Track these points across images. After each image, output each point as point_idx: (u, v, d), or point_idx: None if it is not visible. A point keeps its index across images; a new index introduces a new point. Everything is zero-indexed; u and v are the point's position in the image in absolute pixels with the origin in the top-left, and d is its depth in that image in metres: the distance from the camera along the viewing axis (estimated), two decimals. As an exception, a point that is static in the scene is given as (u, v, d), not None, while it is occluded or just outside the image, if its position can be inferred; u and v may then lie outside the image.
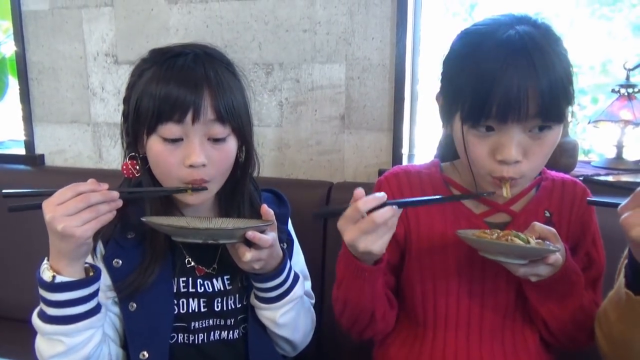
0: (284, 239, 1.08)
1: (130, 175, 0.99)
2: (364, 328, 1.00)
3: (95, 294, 0.88)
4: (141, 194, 0.99)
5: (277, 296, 1.00)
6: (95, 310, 0.88)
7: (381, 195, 0.82)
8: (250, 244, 0.91)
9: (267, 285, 0.98)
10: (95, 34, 1.78)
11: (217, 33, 1.67)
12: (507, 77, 0.80)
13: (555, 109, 0.82)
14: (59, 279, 0.83)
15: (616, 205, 0.78)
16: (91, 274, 0.88)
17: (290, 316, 1.02)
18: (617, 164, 1.59)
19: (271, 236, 0.92)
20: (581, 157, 2.06)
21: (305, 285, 1.13)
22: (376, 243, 0.81)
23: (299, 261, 1.16)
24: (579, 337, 0.96)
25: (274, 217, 0.95)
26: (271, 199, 1.15)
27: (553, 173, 1.05)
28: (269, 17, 1.62)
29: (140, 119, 0.94)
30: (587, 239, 1.00)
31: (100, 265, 0.96)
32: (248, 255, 0.91)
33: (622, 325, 0.86)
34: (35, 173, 1.87)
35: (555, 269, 0.87)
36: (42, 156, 1.92)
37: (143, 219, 0.91)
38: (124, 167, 0.99)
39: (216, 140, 0.94)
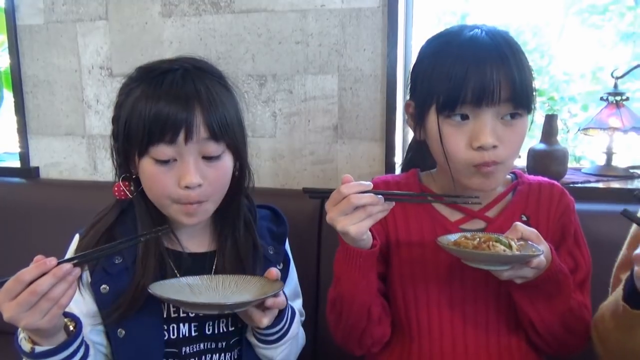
0: (280, 260, 1.07)
1: (123, 197, 0.97)
2: (361, 333, 0.98)
3: (81, 343, 0.84)
4: (101, 252, 0.87)
5: (277, 338, 0.99)
6: (84, 357, 0.85)
7: (367, 184, 0.84)
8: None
9: (270, 331, 0.97)
10: (90, 47, 1.80)
11: (211, 45, 1.69)
12: (481, 64, 0.85)
13: (525, 97, 0.87)
14: (39, 349, 0.79)
15: None
16: (72, 328, 0.83)
17: (286, 352, 1.02)
18: (607, 170, 1.61)
19: (282, 298, 0.92)
20: (573, 164, 2.09)
21: (297, 304, 1.13)
22: (353, 225, 0.83)
23: (292, 279, 1.15)
24: (569, 341, 0.97)
25: (279, 276, 0.94)
26: (269, 217, 1.13)
27: (530, 177, 1.06)
28: (262, 29, 1.64)
29: (131, 139, 0.90)
30: (568, 240, 1.00)
31: (86, 292, 0.94)
32: (265, 320, 0.89)
33: (618, 332, 0.88)
34: (30, 186, 1.87)
35: (540, 271, 0.86)
36: (37, 169, 1.92)
37: (150, 291, 0.86)
38: (116, 188, 0.96)
39: (211, 159, 0.91)
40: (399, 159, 1.66)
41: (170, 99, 0.87)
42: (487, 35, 0.88)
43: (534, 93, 0.91)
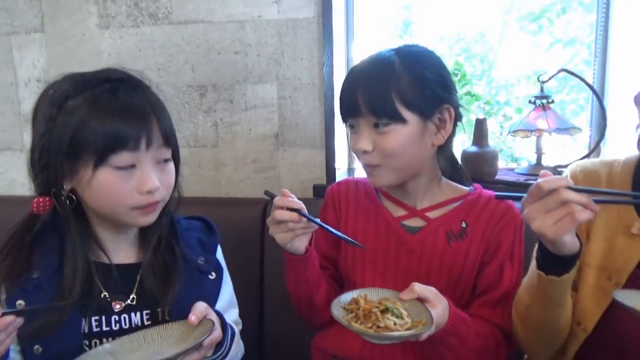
0: (212, 269, 1.07)
1: (42, 212, 0.93)
2: (310, 317, 1.13)
3: None
4: (48, 306, 0.88)
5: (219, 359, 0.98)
6: None
7: (292, 202, 0.94)
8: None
9: (213, 357, 0.96)
10: (26, 60, 1.77)
11: (150, 57, 1.69)
12: (350, 84, 1.01)
13: (386, 107, 0.97)
14: None
15: (519, 198, 0.82)
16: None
17: None
18: (537, 169, 1.69)
19: (218, 328, 0.92)
20: (512, 165, 2.18)
21: (233, 314, 1.14)
22: (277, 234, 0.97)
23: (227, 289, 1.15)
24: None
25: (210, 315, 0.93)
26: (199, 228, 1.14)
27: (485, 192, 1.11)
28: (200, 40, 1.65)
29: (79, 153, 0.88)
30: (502, 252, 1.04)
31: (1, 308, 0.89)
32: (200, 355, 0.89)
33: (535, 307, 0.92)
34: (-34, 203, 1.82)
35: (439, 327, 0.89)
36: (-27, 185, 1.87)
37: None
38: (36, 204, 0.92)
39: (163, 162, 0.94)
40: (340, 164, 1.70)
41: (127, 109, 0.89)
42: (378, 57, 1.01)
43: (417, 103, 0.98)
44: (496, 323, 1.02)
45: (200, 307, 0.92)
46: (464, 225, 1.06)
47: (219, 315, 0.97)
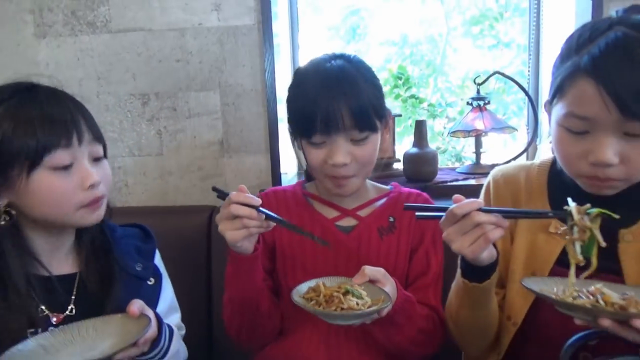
0: (150, 275, 1.08)
1: None
2: (254, 327, 1.07)
3: None
4: None
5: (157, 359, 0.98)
6: None
7: (251, 199, 0.91)
8: None
9: (149, 356, 0.95)
10: (-41, 71, 1.71)
11: (90, 66, 1.67)
12: (324, 100, 0.99)
13: (366, 121, 1.00)
14: None
15: (439, 217, 0.87)
16: None
17: None
18: (476, 168, 1.76)
19: (154, 326, 0.91)
20: (456, 164, 2.26)
21: (175, 318, 1.14)
22: (228, 231, 0.91)
23: (168, 294, 1.14)
24: (418, 352, 1.06)
25: (146, 311, 0.93)
26: (137, 235, 1.14)
27: (404, 188, 1.20)
28: (140, 48, 1.64)
29: (9, 163, 0.87)
30: (426, 240, 1.12)
31: None
32: (137, 351, 0.88)
33: (464, 309, 0.98)
34: None
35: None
36: None
37: None
38: None
39: (98, 159, 0.96)
40: (285, 169, 1.72)
41: (51, 109, 0.90)
42: (333, 71, 1.01)
43: (380, 113, 1.04)
44: (431, 305, 1.08)
45: (138, 301, 0.92)
46: (391, 219, 1.13)
47: (156, 314, 0.97)
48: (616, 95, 0.77)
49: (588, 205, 0.82)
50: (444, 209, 0.86)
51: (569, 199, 0.84)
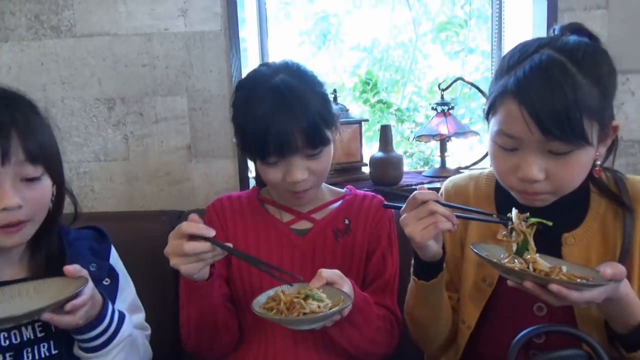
0: (105, 275, 1.07)
1: None
2: (211, 342, 1.07)
3: None
4: None
5: (104, 342, 0.96)
6: None
7: (205, 230, 0.88)
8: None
9: (91, 335, 0.94)
10: None
11: (54, 70, 1.65)
12: (276, 124, 0.98)
13: (319, 138, 1.01)
14: None
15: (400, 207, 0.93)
16: None
17: (120, 358, 1.00)
18: (441, 172, 1.80)
19: (87, 293, 0.89)
20: (425, 168, 2.30)
21: (137, 318, 1.13)
22: (184, 265, 0.89)
23: (128, 295, 1.14)
24: (376, 351, 1.08)
25: (82, 272, 0.92)
26: (91, 236, 1.13)
27: (359, 191, 1.22)
28: (106, 53, 1.64)
29: None
30: (383, 242, 1.14)
31: None
32: (70, 319, 0.86)
33: (418, 308, 1.03)
34: None
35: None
36: None
37: None
38: None
39: (30, 180, 0.92)
40: (253, 173, 1.73)
41: None
42: (280, 89, 0.99)
43: (330, 124, 1.05)
44: (387, 305, 1.11)
45: (71, 267, 0.91)
46: (347, 222, 1.15)
47: (103, 295, 0.96)
48: (537, 117, 0.81)
49: (527, 214, 0.88)
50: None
51: (514, 208, 0.90)
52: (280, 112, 0.98)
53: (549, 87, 0.81)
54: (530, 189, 0.88)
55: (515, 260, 0.86)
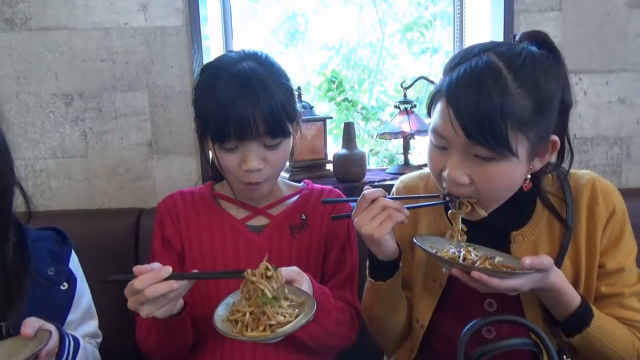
0: (63, 279, 1.05)
1: None
2: (170, 345, 1.03)
3: None
4: None
5: None
6: None
7: (158, 273, 0.84)
8: None
9: None
10: None
11: (8, 64, 1.60)
12: (238, 107, 0.96)
13: (279, 128, 1.00)
14: None
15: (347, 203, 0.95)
16: None
17: None
18: (404, 169, 1.82)
19: (51, 345, 0.87)
20: (391, 165, 2.32)
21: (90, 326, 1.11)
22: (163, 310, 0.86)
23: (84, 300, 1.11)
24: (338, 344, 1.09)
25: (46, 326, 0.89)
26: (51, 238, 1.10)
27: (316, 186, 1.21)
28: (63, 47, 1.60)
29: None
30: (341, 235, 1.14)
31: None
32: None
33: (375, 307, 1.04)
34: None
35: None
36: None
37: None
38: None
39: None
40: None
41: None
42: (246, 74, 0.98)
43: (293, 117, 1.03)
44: (347, 299, 1.11)
45: (31, 319, 0.88)
46: (304, 217, 1.14)
47: (57, 326, 0.94)
48: (462, 120, 0.81)
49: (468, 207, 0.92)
50: (357, 200, 0.93)
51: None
52: (243, 96, 0.96)
53: (477, 90, 0.80)
54: (456, 191, 0.89)
55: (452, 251, 0.91)
